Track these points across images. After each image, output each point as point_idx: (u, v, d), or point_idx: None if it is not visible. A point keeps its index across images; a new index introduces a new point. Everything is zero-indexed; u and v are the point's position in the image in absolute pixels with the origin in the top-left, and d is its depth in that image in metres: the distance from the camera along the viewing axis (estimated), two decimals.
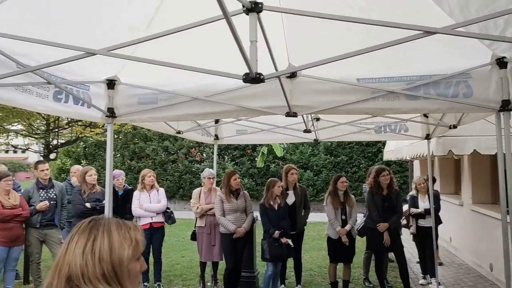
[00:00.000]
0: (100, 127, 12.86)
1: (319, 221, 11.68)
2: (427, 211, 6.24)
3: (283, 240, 5.38)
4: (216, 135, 6.47)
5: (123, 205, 6.08)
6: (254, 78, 1.96)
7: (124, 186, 6.34)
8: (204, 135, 6.25)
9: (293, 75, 3.28)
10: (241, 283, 5.74)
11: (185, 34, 2.25)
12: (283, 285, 6.07)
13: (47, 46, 2.40)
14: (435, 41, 2.52)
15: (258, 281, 6.16)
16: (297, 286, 6.10)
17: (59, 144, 13.53)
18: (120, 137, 18.30)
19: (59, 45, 2.23)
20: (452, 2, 2.28)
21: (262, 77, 2.00)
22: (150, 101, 3.69)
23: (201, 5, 2.41)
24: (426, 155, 6.08)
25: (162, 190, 6.30)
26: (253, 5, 1.89)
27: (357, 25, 2.48)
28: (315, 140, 6.21)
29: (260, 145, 15.12)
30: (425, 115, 5.19)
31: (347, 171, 16.21)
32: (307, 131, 5.11)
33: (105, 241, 1.20)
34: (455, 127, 4.67)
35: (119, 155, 18.41)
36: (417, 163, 12.28)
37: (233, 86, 3.42)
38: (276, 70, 2.65)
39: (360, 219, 6.30)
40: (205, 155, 18.19)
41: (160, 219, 6.05)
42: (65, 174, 17.85)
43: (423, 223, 6.35)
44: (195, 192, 6.16)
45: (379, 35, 2.49)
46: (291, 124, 5.40)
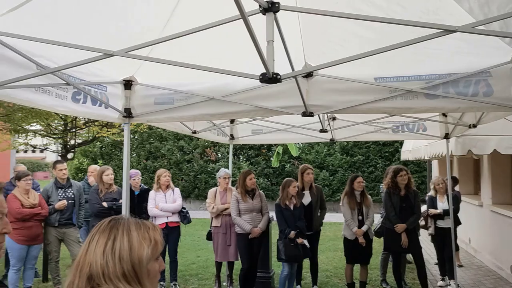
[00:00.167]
0: (116, 127, 12.98)
1: (335, 221, 11.63)
2: (445, 212, 6.14)
3: (299, 240, 5.36)
4: (231, 135, 6.48)
5: (139, 204, 6.13)
6: (271, 78, 1.96)
7: (140, 185, 6.40)
8: (219, 135, 6.26)
9: (309, 75, 3.26)
10: (257, 283, 5.74)
11: (201, 34, 2.25)
12: (299, 286, 6.04)
13: (66, 47, 2.44)
14: (454, 39, 2.48)
15: (273, 281, 6.15)
16: (313, 287, 6.07)
17: (77, 144, 13.73)
18: (136, 137, 18.48)
19: (78, 47, 2.26)
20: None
21: (279, 77, 1.99)
22: (166, 101, 3.71)
23: (216, 5, 2.41)
24: (444, 155, 5.99)
25: (177, 190, 6.33)
26: (269, 5, 1.89)
27: (374, 23, 2.46)
28: (331, 139, 6.18)
29: (275, 144, 15.09)
30: (444, 114, 5.10)
31: (364, 171, 16.07)
32: (323, 130, 5.08)
33: (125, 241, 1.21)
34: (474, 126, 4.59)
35: (135, 154, 18.59)
36: (435, 163, 12.11)
37: (249, 86, 3.42)
38: (292, 69, 2.64)
39: (377, 219, 6.23)
40: (220, 154, 18.25)
41: (175, 218, 6.08)
42: (82, 173, 18.12)
43: (441, 224, 6.25)
44: (211, 192, 6.18)
45: (397, 33, 2.46)
46: (307, 123, 5.38)
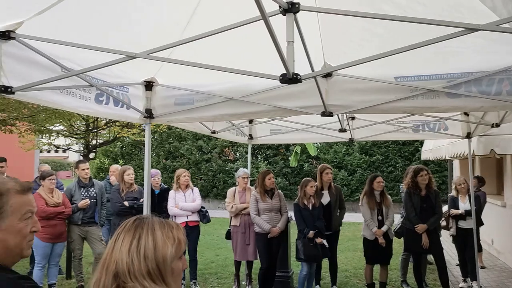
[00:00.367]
0: (136, 127, 13.16)
1: (353, 221, 11.55)
2: (467, 212, 6.03)
3: (318, 240, 5.35)
4: (250, 135, 6.50)
5: (160, 204, 6.21)
6: (291, 78, 1.97)
7: (160, 185, 6.48)
8: (238, 134, 6.29)
9: (328, 75, 3.25)
10: (276, 282, 5.75)
11: (221, 35, 2.28)
12: (318, 286, 6.03)
13: (90, 50, 2.50)
14: (476, 37, 2.43)
15: (292, 281, 6.15)
16: (332, 287, 6.04)
17: (98, 144, 13.98)
18: (155, 137, 18.70)
19: (101, 49, 2.31)
20: None
21: (299, 77, 2.00)
22: (186, 102, 3.76)
23: (236, 6, 2.43)
24: (466, 155, 5.88)
25: (196, 189, 6.38)
26: (290, 6, 1.89)
27: (394, 22, 2.44)
28: (350, 139, 6.14)
29: (293, 144, 15.06)
30: (466, 113, 5.02)
31: (383, 170, 15.89)
32: (342, 130, 5.05)
33: (150, 240, 1.23)
34: (497, 125, 4.50)
35: (155, 154, 18.81)
36: (456, 163, 11.89)
37: (268, 86, 3.43)
38: (312, 69, 2.64)
39: (397, 219, 6.17)
40: (238, 154, 18.31)
41: (195, 218, 6.13)
42: (103, 173, 18.43)
43: (463, 224, 6.15)
44: (230, 191, 6.22)
45: (417, 32, 2.44)
46: (325, 123, 5.36)
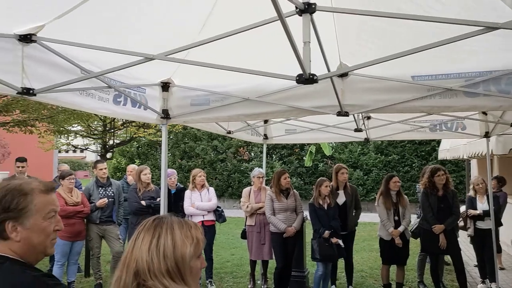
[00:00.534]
0: (152, 127, 13.28)
1: (369, 221, 11.47)
2: (485, 213, 5.94)
3: (333, 240, 5.33)
4: (265, 135, 6.51)
5: (176, 203, 6.27)
6: (307, 79, 1.97)
7: (176, 184, 6.54)
8: (253, 134, 6.31)
9: (344, 74, 3.24)
10: (291, 282, 5.75)
11: (236, 36, 2.29)
12: (333, 286, 6.01)
13: (108, 52, 2.54)
14: (495, 36, 2.40)
15: (308, 280, 6.14)
16: (348, 287, 6.02)
17: (115, 144, 14.17)
18: (171, 137, 18.84)
19: (120, 52, 2.35)
20: None
21: (315, 77, 2.00)
22: (202, 103, 3.79)
23: (252, 7, 2.45)
24: (484, 154, 5.80)
25: (212, 189, 6.42)
26: (306, 6, 1.90)
27: (412, 21, 2.42)
28: (365, 139, 6.10)
29: (308, 144, 15.02)
30: (484, 113, 4.95)
31: (399, 170, 15.73)
32: (358, 130, 5.02)
33: (169, 239, 1.26)
34: None
35: (170, 154, 18.96)
36: (474, 162, 11.71)
37: (283, 86, 3.43)
38: (328, 69, 2.64)
39: (413, 220, 6.11)
40: (253, 154, 18.34)
41: (211, 217, 6.16)
42: (120, 172, 18.63)
43: (481, 225, 6.06)
44: (245, 191, 6.24)
45: (435, 31, 2.42)
46: (341, 123, 5.34)
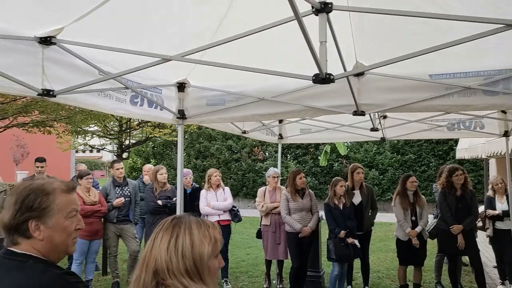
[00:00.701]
0: (167, 127, 13.41)
1: (385, 221, 11.36)
2: (505, 213, 5.83)
3: (349, 240, 5.30)
4: (280, 135, 6.51)
5: (191, 203, 6.30)
6: (324, 78, 1.96)
7: (192, 184, 6.58)
8: (268, 134, 6.31)
9: (360, 73, 3.22)
10: (307, 282, 5.73)
11: (252, 36, 2.30)
12: (349, 286, 5.97)
13: (125, 53, 2.57)
14: None
15: (324, 280, 6.12)
16: (364, 287, 5.98)
17: (131, 144, 14.35)
18: (186, 137, 18.97)
19: (138, 53, 2.38)
20: None
21: (332, 77, 2.00)
22: (218, 103, 3.81)
23: (267, 7, 2.45)
24: (504, 153, 5.69)
25: (227, 189, 6.43)
26: (322, 6, 1.89)
27: (430, 19, 2.39)
28: (382, 138, 6.05)
29: (323, 143, 14.96)
30: (503, 111, 4.85)
31: (415, 170, 15.54)
32: (374, 129, 4.97)
33: (187, 239, 1.27)
34: None
35: (185, 154, 19.09)
36: (493, 162, 11.50)
37: (299, 86, 3.43)
38: (344, 69, 2.63)
39: (430, 220, 6.03)
40: (267, 153, 18.34)
41: (226, 217, 6.18)
42: (136, 172, 18.84)
43: (500, 225, 5.95)
44: (260, 190, 6.25)
45: (454, 29, 2.39)
46: (356, 122, 5.29)
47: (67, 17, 2.39)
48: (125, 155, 14.15)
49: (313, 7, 1.92)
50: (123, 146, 13.57)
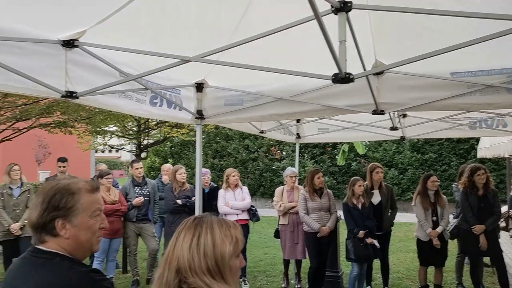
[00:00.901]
0: (185, 127, 13.50)
1: (405, 221, 11.21)
2: None
3: (368, 240, 5.26)
4: (297, 134, 6.49)
5: (209, 202, 6.34)
6: (343, 78, 1.96)
7: (210, 184, 6.61)
8: (286, 134, 6.30)
9: (380, 72, 3.19)
10: (326, 282, 5.71)
11: (270, 36, 2.30)
12: (369, 287, 5.91)
13: (145, 55, 2.60)
14: None
15: (342, 281, 6.08)
16: None
17: (149, 144, 14.49)
18: (203, 137, 19.04)
19: (158, 54, 2.41)
20: None
21: (351, 76, 1.99)
22: (236, 103, 3.83)
23: (285, 7, 2.45)
24: None
25: (246, 188, 6.45)
26: (342, 5, 1.88)
27: (450, 16, 2.36)
28: (401, 137, 5.98)
29: (340, 142, 14.85)
30: None
31: (436, 169, 15.28)
32: (393, 128, 4.92)
33: (209, 238, 1.28)
34: None
35: (202, 153, 19.07)
36: None
37: (317, 85, 3.42)
38: (363, 68, 2.61)
39: (450, 220, 5.94)
40: (284, 153, 18.30)
41: (245, 216, 6.19)
42: (154, 172, 19.01)
43: None
44: (278, 190, 6.24)
45: (475, 26, 2.34)
46: (375, 121, 5.24)
47: (89, 20, 2.44)
48: (143, 155, 14.30)
49: (332, 6, 1.91)
50: (142, 146, 13.72)
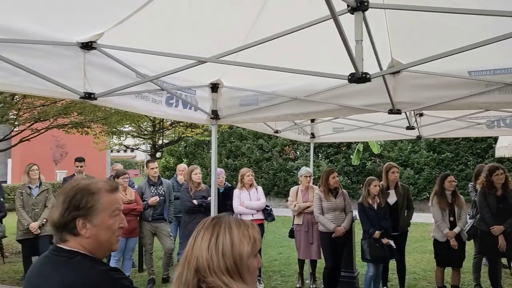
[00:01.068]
0: (199, 127, 13.57)
1: (421, 222, 11.09)
2: None
3: (385, 240, 5.21)
4: (312, 134, 6.48)
5: (224, 202, 6.36)
6: (360, 78, 1.95)
7: (224, 183, 6.64)
8: (300, 133, 6.29)
9: (396, 71, 3.16)
10: (341, 282, 5.68)
11: (285, 36, 2.30)
12: (385, 287, 5.88)
13: (161, 56, 2.63)
14: None
15: (358, 281, 6.04)
16: None
17: (164, 143, 14.62)
18: (217, 136, 19.10)
19: (174, 56, 2.43)
20: None
21: (368, 76, 1.98)
22: (251, 103, 3.84)
23: (300, 7, 2.45)
24: None
25: (260, 188, 6.45)
26: (358, 4, 1.88)
27: (468, 15, 2.32)
28: (417, 136, 5.91)
29: (355, 142, 14.75)
30: None
31: (453, 169, 15.05)
32: (410, 127, 4.87)
33: (227, 238, 1.29)
34: None
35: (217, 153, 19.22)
36: None
37: (332, 85, 3.41)
38: (380, 67, 2.59)
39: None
40: (298, 152, 18.25)
41: (260, 216, 6.18)
42: (169, 171, 19.15)
43: None
44: (293, 190, 6.23)
45: (494, 24, 2.31)
46: (391, 120, 5.19)
47: (107, 22, 2.48)
48: (158, 155, 14.44)
49: (348, 6, 1.90)
50: (157, 146, 13.84)
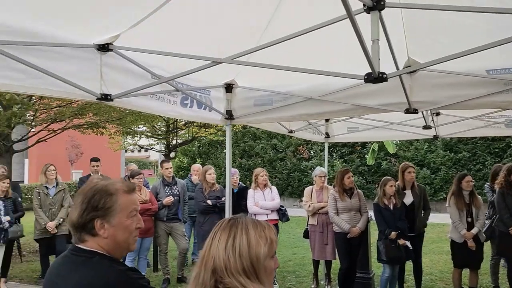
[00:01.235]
0: (213, 127, 13.61)
1: (438, 222, 10.94)
2: None
3: (401, 241, 5.15)
4: (327, 133, 6.44)
5: (238, 202, 6.36)
6: (377, 77, 1.93)
7: (238, 184, 6.64)
8: (315, 133, 6.26)
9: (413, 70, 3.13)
10: (356, 283, 5.64)
11: (300, 36, 2.29)
12: None
13: (176, 57, 2.64)
14: None
15: (373, 282, 5.99)
16: None
17: (178, 143, 14.71)
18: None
19: (189, 57, 2.44)
20: None
21: (385, 76, 1.96)
22: (265, 103, 3.83)
23: (315, 7, 2.44)
24: None
25: (275, 188, 6.43)
26: (375, 3, 1.86)
27: (487, 14, 2.28)
28: (434, 136, 5.84)
29: (370, 141, 14.62)
30: None
31: (470, 168, 14.82)
32: (427, 127, 4.79)
33: (244, 239, 1.29)
34: None
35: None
36: None
37: (347, 84, 3.38)
38: (396, 66, 2.56)
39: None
40: (312, 152, 18.17)
41: (274, 216, 6.17)
42: (183, 171, 19.26)
43: None
44: (307, 190, 6.21)
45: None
46: (407, 120, 5.13)
47: (123, 24, 2.50)
48: (172, 155, 14.54)
49: (364, 5, 1.88)
50: (170, 146, 13.93)
